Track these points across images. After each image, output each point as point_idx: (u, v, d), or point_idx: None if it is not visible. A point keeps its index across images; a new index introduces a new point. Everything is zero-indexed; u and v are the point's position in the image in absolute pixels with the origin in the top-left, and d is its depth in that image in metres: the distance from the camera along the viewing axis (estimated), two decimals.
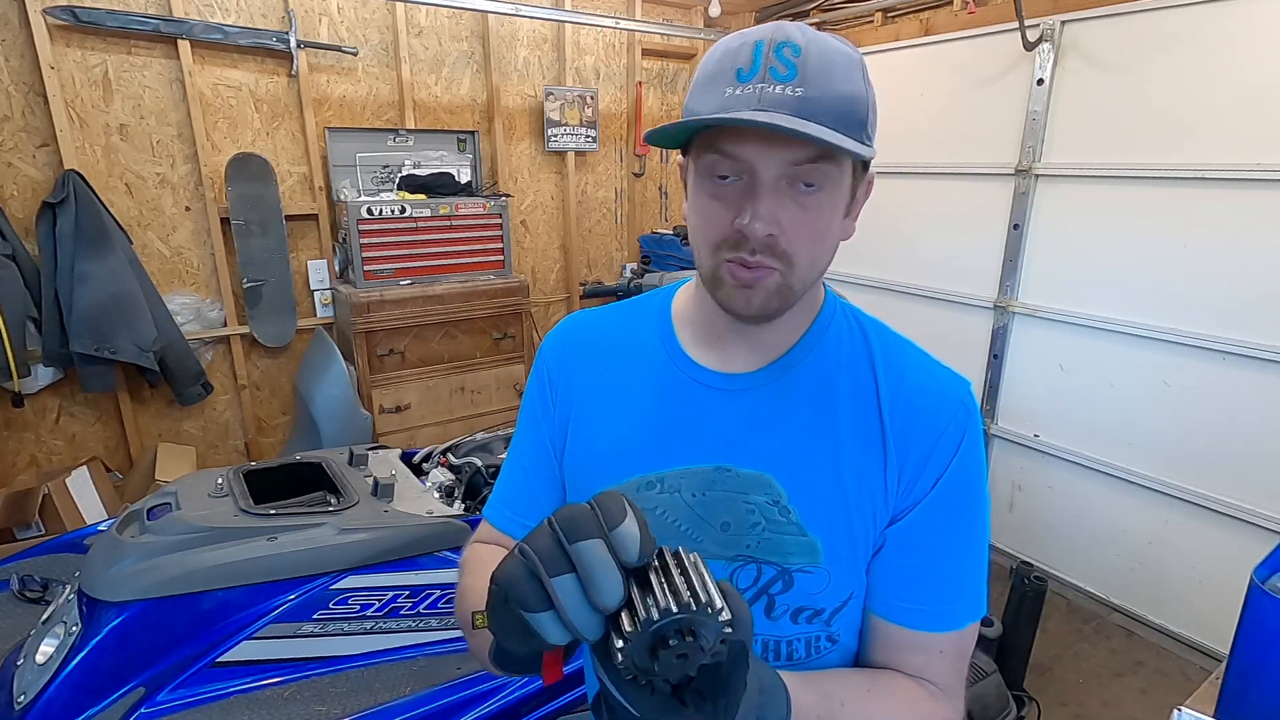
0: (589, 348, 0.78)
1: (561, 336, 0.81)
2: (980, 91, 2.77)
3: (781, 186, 0.59)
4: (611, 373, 0.76)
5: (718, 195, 0.61)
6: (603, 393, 0.75)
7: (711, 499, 0.68)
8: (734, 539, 0.68)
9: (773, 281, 0.61)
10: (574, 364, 0.78)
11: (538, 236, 3.81)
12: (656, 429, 0.71)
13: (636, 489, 0.70)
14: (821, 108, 0.56)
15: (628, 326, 0.79)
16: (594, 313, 0.83)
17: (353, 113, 3.10)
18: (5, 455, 2.63)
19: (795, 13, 3.63)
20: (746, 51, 0.58)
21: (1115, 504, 2.55)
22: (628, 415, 0.73)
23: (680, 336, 0.74)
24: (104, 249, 2.49)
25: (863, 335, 0.72)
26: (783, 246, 0.60)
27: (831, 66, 0.57)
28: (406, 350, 3.02)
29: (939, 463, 0.66)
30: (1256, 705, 1.00)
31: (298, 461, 1.81)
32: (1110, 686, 2.23)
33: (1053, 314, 2.63)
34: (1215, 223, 2.18)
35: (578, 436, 0.76)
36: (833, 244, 0.64)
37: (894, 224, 3.17)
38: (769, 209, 0.59)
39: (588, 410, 0.76)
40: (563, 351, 0.80)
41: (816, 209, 0.60)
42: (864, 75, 0.60)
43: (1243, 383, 2.17)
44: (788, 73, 0.56)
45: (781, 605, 0.68)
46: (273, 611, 1.37)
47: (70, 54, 2.49)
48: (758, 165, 0.58)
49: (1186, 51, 2.18)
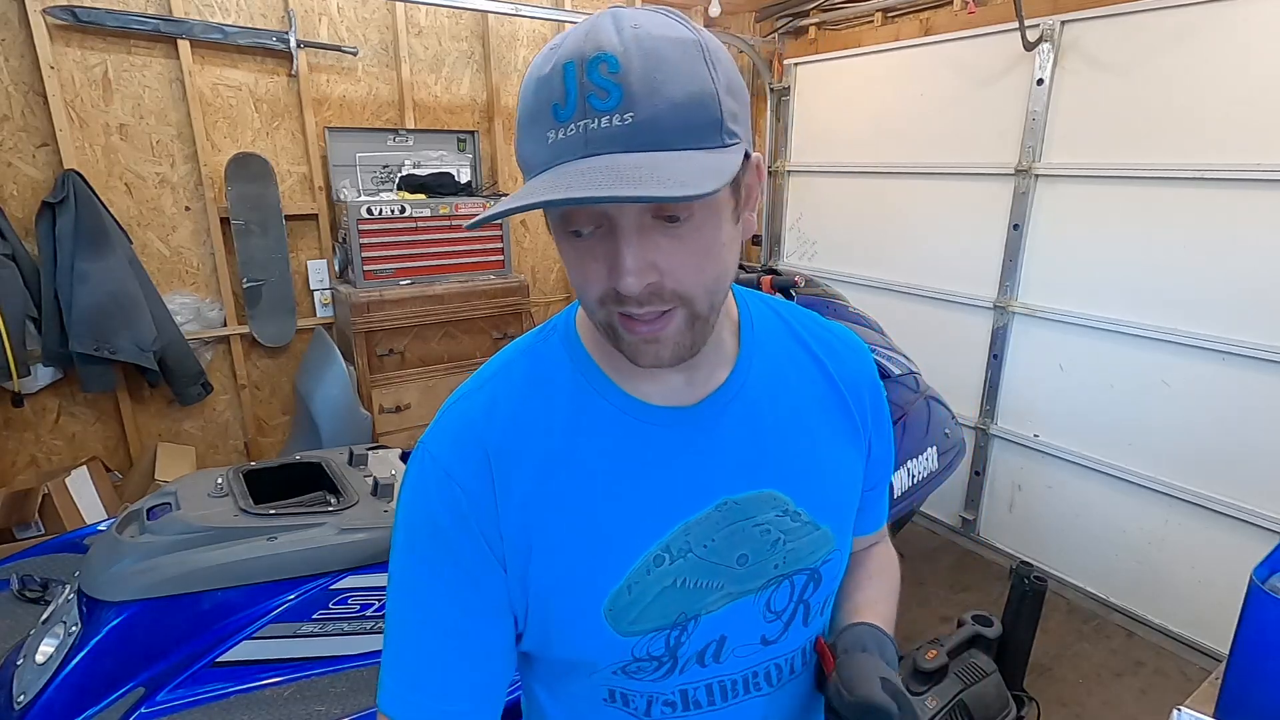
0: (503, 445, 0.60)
1: (461, 444, 0.61)
2: (980, 91, 2.77)
3: (646, 224, 0.50)
4: (553, 456, 0.60)
5: (582, 251, 0.53)
6: (551, 488, 0.60)
7: (722, 539, 0.62)
8: (757, 568, 0.64)
9: (678, 323, 0.54)
10: (499, 471, 0.59)
11: (538, 236, 3.81)
12: (637, 496, 0.61)
13: (646, 572, 0.60)
14: (659, 128, 0.47)
15: (540, 389, 0.63)
16: (476, 398, 0.63)
17: (353, 113, 3.10)
18: (5, 455, 2.63)
19: (794, 13, 3.63)
20: (558, 80, 0.47)
21: (1115, 504, 2.55)
22: (598, 496, 0.60)
23: (615, 378, 0.62)
24: (104, 249, 2.49)
25: (782, 322, 0.72)
26: (670, 286, 0.52)
27: (660, 66, 0.47)
28: (406, 350, 3.02)
29: (876, 407, 0.74)
30: (1256, 705, 1.00)
31: (298, 461, 1.82)
32: (1110, 686, 2.23)
33: (1052, 314, 2.63)
34: (1215, 223, 2.18)
35: (544, 555, 0.60)
36: (727, 260, 0.56)
37: (894, 224, 3.17)
38: (637, 259, 0.50)
39: (545, 518, 0.60)
40: (475, 462, 0.60)
41: (692, 237, 0.51)
42: (706, 57, 0.49)
43: (1243, 383, 2.17)
44: (608, 98, 0.46)
45: (815, 606, 0.70)
46: (272, 611, 1.37)
47: (70, 54, 2.49)
48: (612, 216, 0.50)
49: (1186, 51, 2.18)
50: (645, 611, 0.61)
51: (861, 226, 3.34)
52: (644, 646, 0.62)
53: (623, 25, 0.48)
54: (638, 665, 0.63)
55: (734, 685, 0.67)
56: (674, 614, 0.61)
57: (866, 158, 3.20)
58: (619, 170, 0.45)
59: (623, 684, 0.64)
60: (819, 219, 3.65)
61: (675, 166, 0.46)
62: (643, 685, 0.64)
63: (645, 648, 0.62)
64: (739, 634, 0.65)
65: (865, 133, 3.19)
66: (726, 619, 0.64)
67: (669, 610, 0.61)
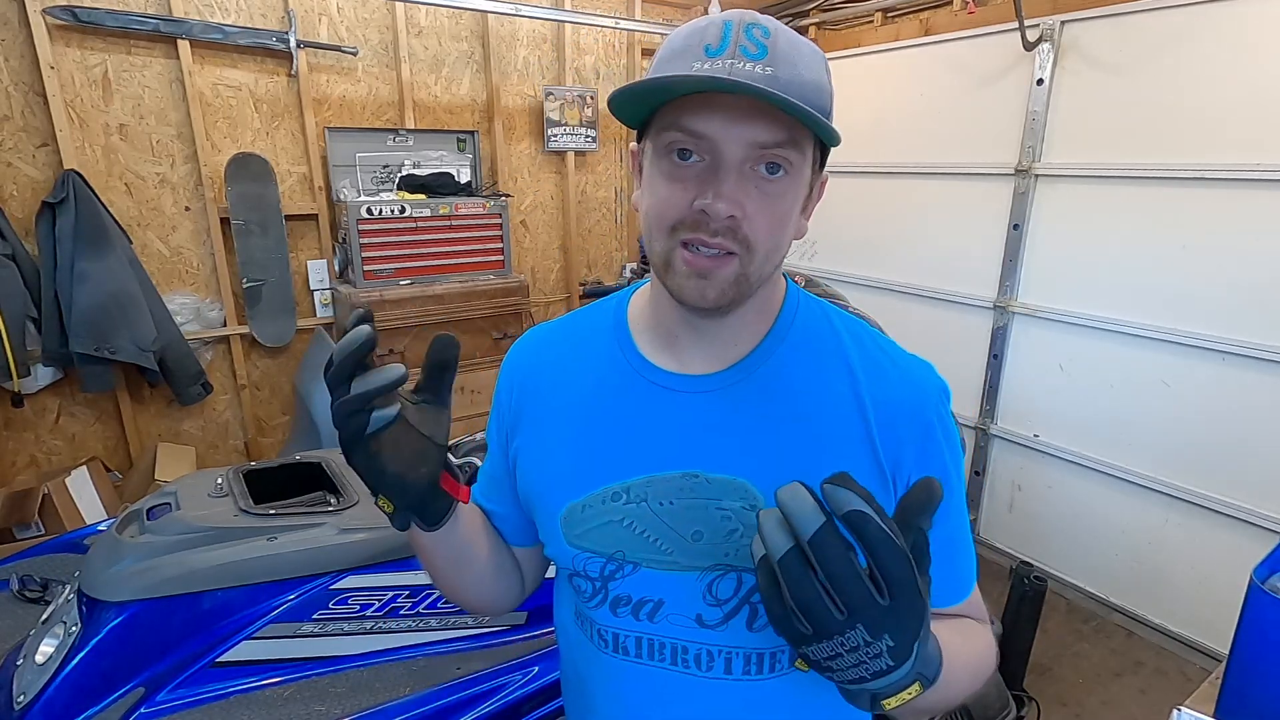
0: (538, 362, 0.77)
1: (512, 354, 0.80)
2: (980, 91, 2.77)
3: (745, 170, 0.57)
4: (564, 384, 0.73)
5: (676, 176, 0.59)
6: (556, 406, 0.73)
7: (680, 507, 0.66)
8: (708, 549, 0.66)
9: (731, 270, 0.59)
10: (519, 380, 0.76)
11: (538, 236, 3.81)
12: (617, 437, 0.69)
13: (602, 500, 0.68)
14: (792, 89, 0.54)
15: (582, 335, 0.76)
16: (548, 326, 0.81)
17: (352, 113, 3.10)
18: (5, 455, 2.63)
19: (795, 13, 3.63)
20: (715, 30, 0.56)
21: (1115, 504, 2.55)
22: (585, 425, 0.70)
23: (637, 340, 0.71)
24: (104, 249, 2.49)
25: (833, 332, 0.70)
26: (744, 231, 0.58)
27: (799, 53, 0.57)
28: (406, 350, 3.02)
29: (920, 445, 0.66)
30: (1256, 705, 1.00)
31: (297, 461, 1.81)
32: (1110, 686, 2.23)
33: (1052, 314, 2.63)
34: (1215, 223, 2.18)
35: (532, 455, 0.74)
36: (789, 237, 0.63)
37: (894, 224, 3.17)
38: (732, 190, 0.56)
39: (540, 426, 0.73)
40: (511, 370, 0.78)
41: (779, 197, 0.59)
42: (827, 69, 0.60)
43: (1242, 383, 2.17)
44: (758, 51, 0.55)
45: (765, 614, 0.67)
46: (273, 611, 1.37)
47: (70, 54, 2.49)
48: (722, 144, 0.56)
49: (1186, 51, 2.18)
50: (590, 532, 0.69)
51: (862, 226, 3.33)
52: (583, 562, 0.70)
53: (771, 19, 0.58)
54: (579, 582, 0.72)
55: (661, 649, 0.69)
56: (612, 547, 0.69)
57: (866, 158, 3.20)
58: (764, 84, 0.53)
59: (580, 606, 0.74)
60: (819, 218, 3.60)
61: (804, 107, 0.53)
62: (586, 609, 0.73)
63: (584, 564, 0.70)
64: (676, 603, 0.68)
65: (865, 133, 3.19)
66: (667, 584, 0.68)
67: (609, 541, 0.69)
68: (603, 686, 0.74)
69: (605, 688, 0.74)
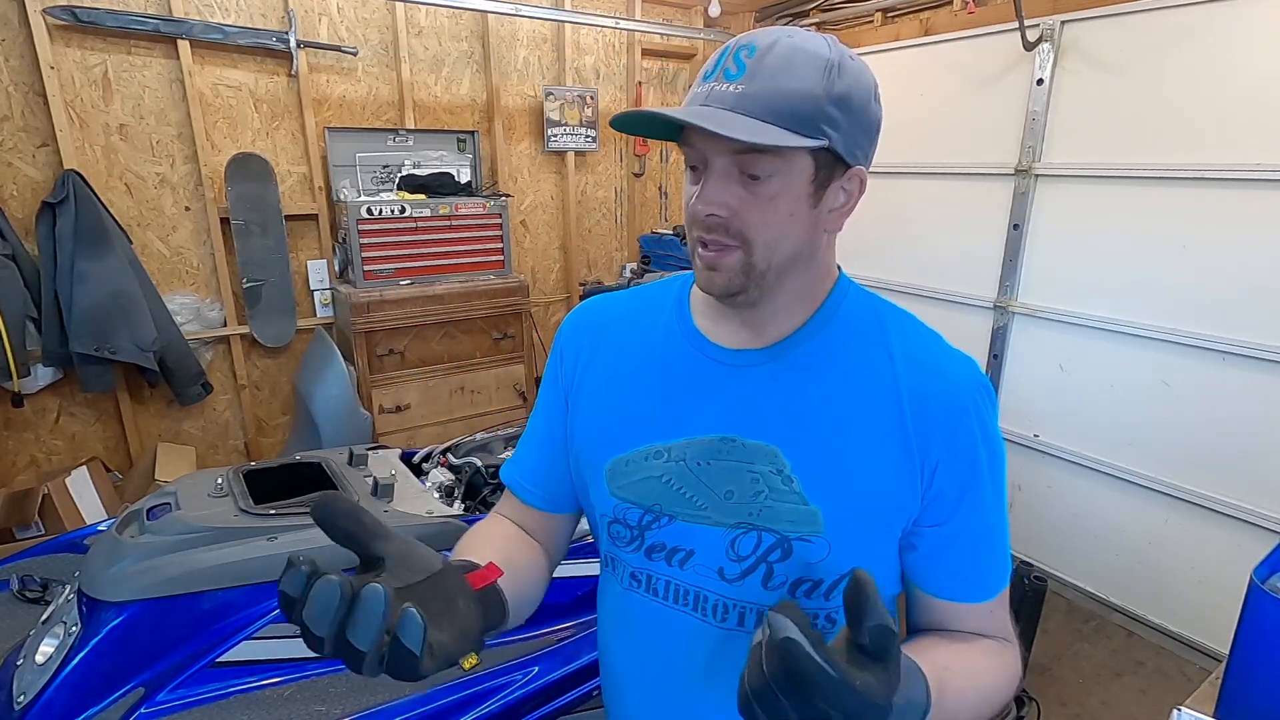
0: (602, 326, 0.83)
1: (577, 317, 0.86)
2: (980, 91, 2.77)
3: (732, 174, 0.64)
4: (623, 349, 0.80)
5: (690, 183, 0.68)
6: (612, 368, 0.79)
7: (716, 468, 0.71)
8: (737, 506, 0.71)
9: (734, 260, 0.66)
10: (585, 342, 0.83)
11: (538, 236, 3.81)
12: (665, 400, 0.75)
13: (645, 457, 0.74)
14: (759, 103, 0.60)
15: (645, 307, 0.83)
16: (613, 295, 0.88)
17: (352, 113, 3.10)
18: (5, 455, 2.63)
19: (795, 13, 3.63)
20: (717, 55, 0.64)
21: (1115, 504, 2.55)
22: (637, 387, 0.77)
23: (694, 315, 0.78)
24: (104, 249, 2.49)
25: (879, 322, 0.74)
26: (736, 226, 0.64)
27: (788, 65, 0.61)
28: (406, 350, 3.02)
29: (951, 438, 0.68)
30: (1256, 705, 1.00)
31: (298, 461, 1.81)
32: (1110, 686, 2.23)
33: (1053, 314, 2.63)
34: (1215, 223, 2.18)
35: (585, 410, 0.80)
36: (797, 231, 0.66)
37: (894, 224, 3.17)
38: (714, 192, 0.64)
39: (597, 385, 0.80)
40: (576, 331, 0.85)
41: (770, 196, 0.64)
42: (828, 72, 0.62)
43: (1243, 383, 2.17)
44: (737, 71, 0.61)
45: (780, 575, 0.70)
46: (272, 611, 1.37)
47: (70, 54, 2.49)
48: (709, 155, 0.64)
49: (1186, 51, 2.18)
50: (631, 485, 0.75)
51: (861, 226, 3.32)
52: (623, 511, 0.76)
53: (781, 34, 0.63)
54: (617, 529, 0.77)
55: (685, 594, 0.74)
56: (651, 500, 0.74)
57: None
58: (714, 116, 0.60)
59: (611, 549, 0.80)
60: None
61: (750, 127, 0.59)
62: (621, 553, 0.78)
63: (624, 513, 0.76)
64: (704, 555, 0.73)
65: None
66: (697, 536, 0.73)
67: (648, 494, 0.74)
68: (627, 625, 0.80)
69: (630, 626, 0.79)
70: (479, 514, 1.73)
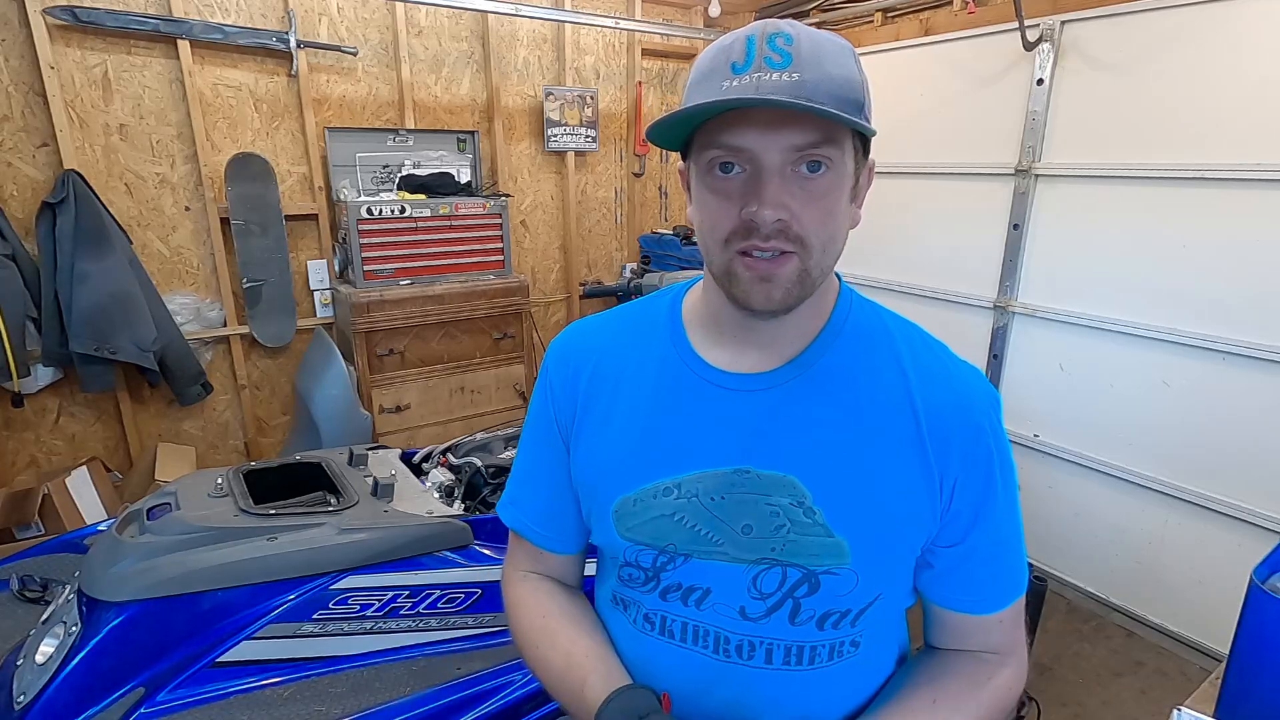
0: (592, 356, 0.77)
1: (563, 347, 0.80)
2: (980, 91, 2.77)
3: (786, 173, 0.59)
4: (619, 381, 0.74)
5: (722, 189, 0.61)
6: (609, 403, 0.74)
7: (731, 502, 0.67)
8: (757, 542, 0.67)
9: (791, 268, 0.61)
10: (576, 375, 0.77)
11: (538, 236, 3.81)
12: (671, 433, 0.70)
13: (654, 495, 0.70)
14: (819, 90, 0.56)
15: (635, 330, 0.77)
16: (597, 319, 0.82)
17: (352, 113, 3.09)
18: (5, 455, 2.63)
19: (795, 13, 3.63)
20: (740, 45, 0.58)
21: (1115, 504, 2.55)
22: (640, 421, 0.72)
23: (691, 337, 0.73)
24: (104, 249, 2.49)
25: (886, 333, 0.71)
26: (796, 230, 0.59)
27: (823, 52, 0.58)
28: (406, 350, 3.02)
29: (984, 461, 0.67)
30: (1256, 705, 1.00)
31: (298, 461, 1.81)
32: (1110, 686, 2.23)
33: (1053, 314, 2.63)
34: (1215, 223, 2.17)
35: (588, 447, 0.75)
36: (843, 228, 0.64)
37: (894, 224, 3.17)
38: (775, 194, 0.58)
39: (596, 423, 0.74)
40: (563, 365, 0.78)
41: (824, 193, 0.60)
42: (856, 60, 0.61)
43: (1243, 383, 2.17)
44: (782, 60, 0.56)
45: (807, 610, 0.67)
46: (272, 611, 1.37)
47: (70, 54, 2.49)
48: (760, 153, 0.58)
49: (1186, 51, 2.18)
50: (641, 526, 0.71)
51: (862, 226, 3.32)
52: (635, 554, 0.72)
53: (793, 23, 0.60)
54: (629, 571, 0.73)
55: (704, 635, 0.71)
56: (664, 540, 0.70)
57: None
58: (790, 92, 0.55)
59: (622, 591, 0.76)
60: None
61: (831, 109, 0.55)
62: (634, 594, 0.74)
63: (636, 555, 0.72)
64: (722, 594, 0.69)
65: None
66: (715, 574, 0.69)
67: (661, 534, 0.70)
68: (642, 668, 0.75)
69: (645, 669, 0.75)
70: (479, 514, 1.73)
